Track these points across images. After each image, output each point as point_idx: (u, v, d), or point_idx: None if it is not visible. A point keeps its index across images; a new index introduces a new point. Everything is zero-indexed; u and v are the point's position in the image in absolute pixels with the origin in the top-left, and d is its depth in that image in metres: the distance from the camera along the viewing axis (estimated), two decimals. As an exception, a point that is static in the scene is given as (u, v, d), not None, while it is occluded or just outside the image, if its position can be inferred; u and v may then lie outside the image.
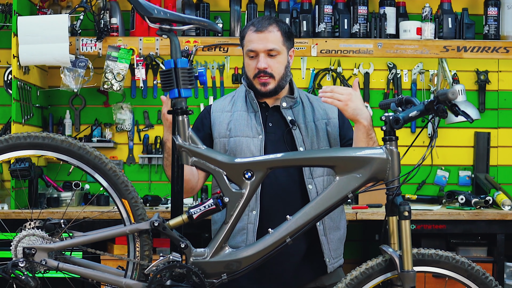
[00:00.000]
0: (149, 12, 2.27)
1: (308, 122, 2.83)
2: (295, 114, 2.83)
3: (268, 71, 2.76)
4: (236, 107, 2.87)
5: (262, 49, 2.76)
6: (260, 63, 2.75)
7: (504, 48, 4.13)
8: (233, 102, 2.90)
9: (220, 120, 2.86)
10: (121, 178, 2.28)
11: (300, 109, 2.86)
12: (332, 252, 2.78)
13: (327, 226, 2.77)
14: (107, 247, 3.70)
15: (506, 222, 3.72)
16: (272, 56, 2.76)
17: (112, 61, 4.04)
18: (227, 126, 2.84)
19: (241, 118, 2.83)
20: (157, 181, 4.36)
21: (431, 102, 2.22)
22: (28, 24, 3.79)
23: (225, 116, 2.87)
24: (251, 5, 4.18)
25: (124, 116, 4.33)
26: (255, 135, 2.80)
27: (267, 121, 2.83)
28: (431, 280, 2.47)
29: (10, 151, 2.27)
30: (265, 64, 2.75)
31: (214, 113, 2.89)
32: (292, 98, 2.84)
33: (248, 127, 2.81)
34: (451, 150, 4.42)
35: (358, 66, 4.40)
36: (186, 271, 2.26)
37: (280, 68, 2.79)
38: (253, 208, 2.73)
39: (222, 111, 2.89)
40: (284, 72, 2.80)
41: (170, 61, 2.29)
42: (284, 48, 2.80)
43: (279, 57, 2.77)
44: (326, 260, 2.76)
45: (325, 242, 2.76)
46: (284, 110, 2.82)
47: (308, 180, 2.77)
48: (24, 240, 2.25)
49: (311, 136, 2.81)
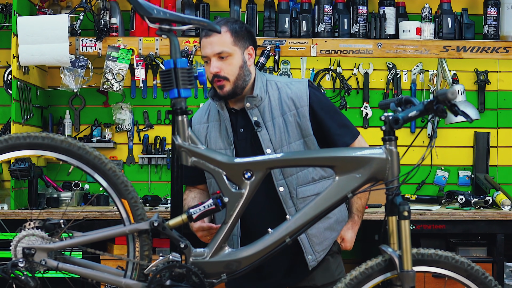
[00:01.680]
0: (148, 12, 2.27)
1: (274, 118, 2.76)
2: (261, 112, 2.76)
3: (221, 74, 2.71)
4: (211, 117, 2.85)
5: (211, 53, 2.71)
6: (212, 67, 2.71)
7: (504, 48, 4.13)
8: (208, 112, 2.87)
9: (199, 134, 2.84)
10: (121, 178, 2.28)
11: (266, 104, 2.77)
12: (315, 246, 2.75)
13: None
14: (106, 247, 3.70)
15: (506, 222, 3.72)
16: (223, 59, 2.71)
17: (112, 61, 4.04)
18: (204, 139, 2.83)
19: (215, 129, 2.81)
20: (157, 181, 4.37)
21: (430, 102, 2.22)
22: (28, 24, 3.79)
23: (202, 128, 2.85)
24: (251, 5, 4.18)
25: (124, 116, 4.33)
26: (227, 146, 2.78)
27: (238, 128, 2.79)
28: (431, 280, 2.47)
29: (9, 151, 2.27)
30: (216, 68, 2.70)
31: (194, 126, 2.87)
32: (254, 97, 2.76)
33: (220, 139, 2.79)
34: (450, 150, 4.42)
35: (357, 66, 4.41)
36: (186, 271, 2.26)
37: (233, 69, 2.72)
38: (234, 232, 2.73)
39: (199, 123, 2.87)
40: (239, 73, 2.73)
41: (169, 61, 2.29)
42: (236, 49, 2.73)
43: (230, 58, 2.72)
44: (307, 257, 2.74)
45: (305, 240, 2.73)
46: (249, 111, 2.76)
47: (279, 182, 2.72)
48: (23, 240, 2.25)
49: (279, 133, 2.74)
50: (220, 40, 2.70)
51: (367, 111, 4.37)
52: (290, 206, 2.74)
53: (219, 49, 2.70)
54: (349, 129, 2.85)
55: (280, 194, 2.73)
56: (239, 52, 2.74)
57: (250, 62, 2.79)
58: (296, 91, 2.79)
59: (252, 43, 2.81)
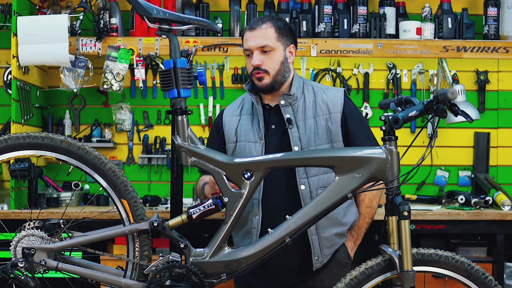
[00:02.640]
0: (148, 12, 2.27)
1: (307, 119, 2.78)
2: (294, 111, 2.79)
3: (262, 67, 2.74)
4: (244, 111, 2.87)
5: (254, 46, 2.75)
6: (254, 60, 2.74)
7: (504, 48, 4.13)
8: (242, 106, 2.90)
9: (229, 125, 2.86)
10: (121, 178, 2.28)
11: (301, 104, 2.81)
12: (324, 249, 2.74)
13: (320, 225, 2.71)
14: (106, 247, 3.70)
15: (506, 222, 3.72)
16: (265, 53, 2.74)
17: (111, 61, 4.04)
18: (235, 131, 2.84)
19: (246, 122, 2.83)
20: (157, 181, 4.36)
21: (430, 102, 2.22)
22: (27, 24, 3.79)
23: (234, 120, 2.87)
24: (251, 5, 4.18)
25: (124, 116, 4.33)
26: (257, 140, 2.78)
27: (270, 124, 2.81)
28: (431, 280, 2.46)
29: (9, 151, 2.27)
30: (258, 61, 2.74)
31: (225, 118, 2.90)
32: (290, 96, 2.80)
33: (252, 132, 2.80)
34: (451, 150, 4.42)
35: (357, 66, 4.41)
36: (186, 271, 2.26)
37: (274, 64, 2.75)
38: (256, 213, 2.72)
39: (232, 115, 2.89)
40: (280, 68, 2.76)
41: (169, 61, 2.29)
42: (279, 44, 2.77)
43: (273, 53, 2.75)
44: (314, 259, 2.73)
45: (316, 242, 2.72)
46: (283, 108, 2.79)
47: (301, 180, 2.72)
48: (23, 240, 2.26)
49: (309, 134, 2.76)
50: (264, 34, 2.75)
51: (367, 111, 4.37)
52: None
53: (263, 43, 2.74)
54: (376, 143, 2.85)
55: (300, 192, 2.72)
56: (281, 48, 2.78)
57: (291, 59, 2.83)
58: (332, 97, 2.82)
59: (294, 41, 2.85)
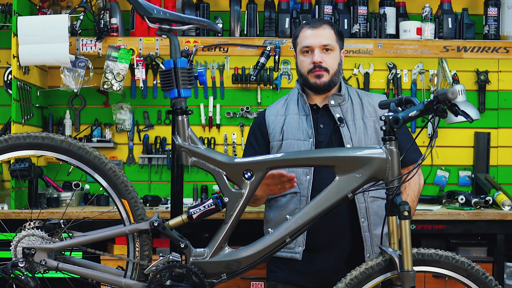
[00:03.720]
0: (148, 12, 2.27)
1: (356, 120, 2.85)
2: (344, 112, 2.85)
3: (323, 65, 2.81)
4: (289, 111, 2.91)
5: (317, 44, 2.81)
6: (316, 57, 2.80)
7: (504, 48, 4.13)
8: (286, 106, 2.94)
9: (275, 124, 2.90)
10: (121, 178, 2.28)
11: (349, 106, 2.88)
12: (374, 248, 2.77)
13: (372, 222, 2.76)
14: (107, 247, 3.70)
15: (506, 222, 3.72)
16: (326, 52, 2.82)
17: (112, 61, 4.04)
18: (281, 129, 2.88)
19: (293, 121, 2.87)
20: (157, 181, 4.36)
21: (430, 102, 2.22)
22: (28, 24, 3.79)
23: (279, 120, 2.91)
24: (251, 5, 4.18)
25: (124, 116, 4.33)
26: (306, 138, 2.82)
27: (318, 123, 2.86)
28: (431, 280, 2.47)
29: (10, 151, 2.27)
30: (320, 58, 2.81)
31: (269, 117, 2.94)
32: (340, 96, 2.87)
33: (300, 130, 2.84)
34: (451, 150, 4.42)
35: (358, 66, 4.40)
36: (186, 271, 2.26)
37: (334, 63, 2.84)
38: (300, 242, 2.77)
39: (276, 115, 2.93)
40: (337, 68, 2.85)
41: (169, 61, 2.29)
42: (337, 46, 2.86)
43: (333, 53, 2.83)
44: (366, 256, 2.75)
45: (368, 239, 2.75)
46: (332, 108, 2.85)
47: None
48: (23, 240, 2.26)
49: (359, 133, 2.82)
50: (327, 34, 2.84)
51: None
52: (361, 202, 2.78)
53: (327, 42, 2.83)
54: (417, 147, 2.91)
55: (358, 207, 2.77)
56: (338, 50, 2.87)
57: (342, 62, 2.91)
58: (377, 100, 2.85)
59: (343, 46, 2.94)
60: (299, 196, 2.78)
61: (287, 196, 2.80)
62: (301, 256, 2.77)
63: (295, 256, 2.78)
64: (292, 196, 2.79)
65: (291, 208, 2.78)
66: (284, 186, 2.66)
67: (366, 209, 2.75)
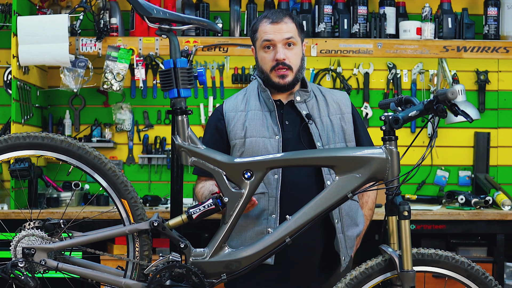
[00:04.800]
0: (148, 12, 2.27)
1: (323, 117, 2.74)
2: (310, 108, 2.75)
3: (286, 62, 2.68)
4: (250, 106, 2.76)
5: (279, 39, 2.68)
6: (279, 54, 2.67)
7: (504, 48, 4.13)
8: (246, 101, 2.78)
9: (235, 121, 2.74)
10: (121, 178, 2.28)
11: (314, 102, 2.77)
12: (348, 250, 2.70)
13: (345, 224, 2.68)
14: (106, 247, 3.70)
15: (506, 222, 3.72)
16: (289, 47, 2.70)
17: (111, 61, 4.04)
18: (243, 126, 2.72)
19: (257, 117, 2.72)
20: (157, 181, 4.36)
21: (430, 102, 2.22)
22: (28, 24, 3.79)
23: (239, 116, 2.75)
24: (251, 5, 4.18)
25: (124, 116, 4.33)
26: (272, 135, 2.69)
27: (283, 120, 2.74)
28: (431, 280, 2.46)
29: (9, 151, 2.27)
30: (283, 55, 2.68)
31: (228, 113, 2.77)
32: (306, 92, 2.75)
33: (264, 127, 2.71)
34: (451, 150, 4.42)
35: (358, 66, 4.40)
36: (186, 271, 2.26)
37: (297, 59, 2.72)
38: (272, 211, 2.63)
39: (236, 111, 2.77)
40: (300, 64, 2.73)
41: (169, 61, 2.29)
42: (299, 40, 2.74)
43: (295, 48, 2.71)
44: (342, 258, 2.67)
45: (342, 240, 2.67)
46: (298, 105, 2.73)
47: (327, 176, 2.65)
48: (23, 240, 2.25)
49: (327, 130, 2.72)
50: (288, 28, 2.70)
51: (367, 111, 4.37)
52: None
53: (289, 35, 2.69)
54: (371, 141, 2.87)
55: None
56: (300, 44, 2.75)
57: (304, 57, 2.79)
58: (341, 97, 2.82)
59: (304, 39, 2.81)
60: (267, 196, 2.63)
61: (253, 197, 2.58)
62: (273, 260, 2.60)
63: (267, 261, 2.55)
64: (259, 197, 2.61)
65: (258, 209, 2.63)
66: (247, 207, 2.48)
67: (339, 210, 2.66)
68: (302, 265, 2.69)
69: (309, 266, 2.70)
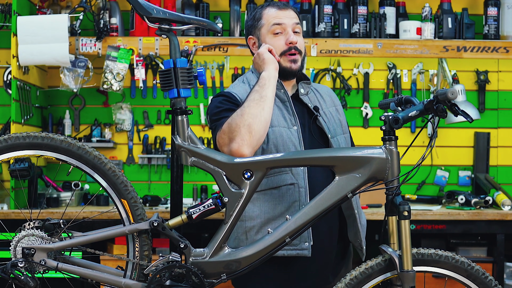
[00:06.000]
0: (148, 12, 2.27)
1: (324, 109, 2.73)
2: (313, 101, 2.72)
3: (298, 46, 2.66)
4: None
5: (289, 23, 2.65)
6: (292, 37, 2.63)
7: (504, 48, 4.13)
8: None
9: None
10: (121, 178, 2.28)
11: (314, 95, 2.75)
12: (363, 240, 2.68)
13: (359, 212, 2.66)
14: (106, 247, 3.70)
15: (506, 222, 3.72)
16: (296, 33, 2.67)
17: (111, 61, 4.04)
18: None
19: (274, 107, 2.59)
20: (157, 181, 4.36)
21: (430, 102, 2.22)
22: (27, 24, 3.79)
23: None
24: (251, 5, 4.18)
25: (124, 116, 4.33)
26: (290, 125, 2.63)
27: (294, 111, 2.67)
28: (431, 280, 2.46)
29: (9, 151, 2.27)
30: (295, 38, 2.65)
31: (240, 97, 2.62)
32: (308, 84, 2.73)
33: (281, 117, 2.62)
34: (451, 150, 4.42)
35: (358, 66, 4.40)
36: (186, 271, 2.26)
37: (303, 45, 2.70)
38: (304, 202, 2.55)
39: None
40: (305, 51, 2.73)
41: (169, 61, 2.29)
42: (302, 29, 2.73)
43: (300, 35, 2.70)
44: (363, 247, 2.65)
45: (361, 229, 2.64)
46: (303, 97, 2.70)
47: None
48: (23, 240, 2.25)
49: (332, 122, 2.71)
50: (295, 15, 2.70)
51: (367, 111, 4.37)
52: None
53: (297, 21, 2.68)
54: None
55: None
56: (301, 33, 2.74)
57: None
58: (330, 91, 2.82)
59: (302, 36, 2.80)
60: (297, 187, 2.57)
61: (281, 189, 2.56)
62: (309, 252, 2.54)
63: (303, 253, 2.54)
64: (288, 188, 2.56)
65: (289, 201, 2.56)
66: None
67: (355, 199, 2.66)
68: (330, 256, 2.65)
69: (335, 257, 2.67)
